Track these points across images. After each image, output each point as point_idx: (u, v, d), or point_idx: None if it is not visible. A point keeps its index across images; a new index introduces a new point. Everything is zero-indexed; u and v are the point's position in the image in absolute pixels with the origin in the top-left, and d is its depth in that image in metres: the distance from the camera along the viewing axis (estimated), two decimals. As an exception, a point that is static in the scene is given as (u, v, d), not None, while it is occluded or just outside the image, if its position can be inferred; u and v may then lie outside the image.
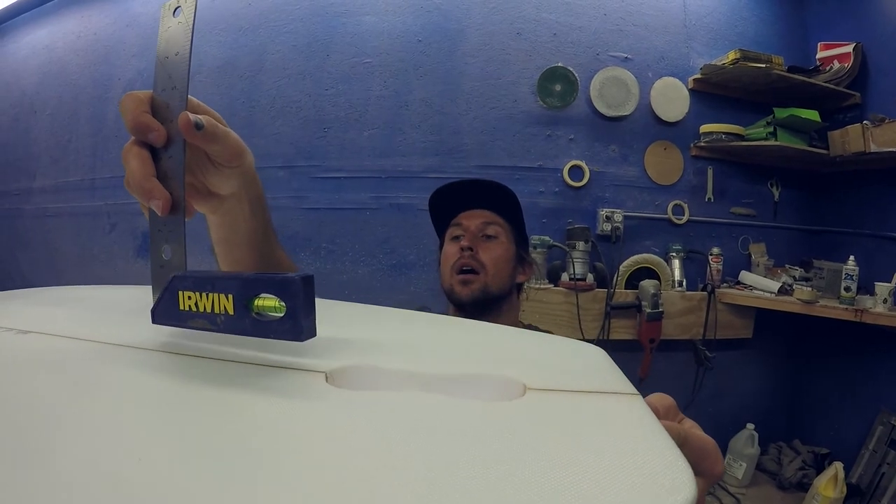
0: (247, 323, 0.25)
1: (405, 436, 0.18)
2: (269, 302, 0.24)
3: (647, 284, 1.57)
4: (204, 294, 0.25)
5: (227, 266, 0.46)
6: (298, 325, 0.23)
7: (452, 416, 0.20)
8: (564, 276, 1.57)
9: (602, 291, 1.59)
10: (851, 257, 1.55)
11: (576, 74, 1.64)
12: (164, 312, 0.27)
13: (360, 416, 0.20)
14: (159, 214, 0.28)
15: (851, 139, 1.67)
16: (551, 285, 1.57)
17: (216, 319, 0.25)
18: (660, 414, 0.23)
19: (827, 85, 1.74)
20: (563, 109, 1.65)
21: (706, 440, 0.26)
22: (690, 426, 0.27)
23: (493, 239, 0.85)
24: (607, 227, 1.63)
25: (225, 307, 0.25)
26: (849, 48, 1.76)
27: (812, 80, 1.72)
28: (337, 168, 1.60)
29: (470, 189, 0.88)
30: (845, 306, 1.49)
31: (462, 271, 0.83)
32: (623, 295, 1.61)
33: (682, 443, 0.21)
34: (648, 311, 1.56)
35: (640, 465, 0.16)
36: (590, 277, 1.58)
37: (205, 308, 0.26)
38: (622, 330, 1.61)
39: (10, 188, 2.22)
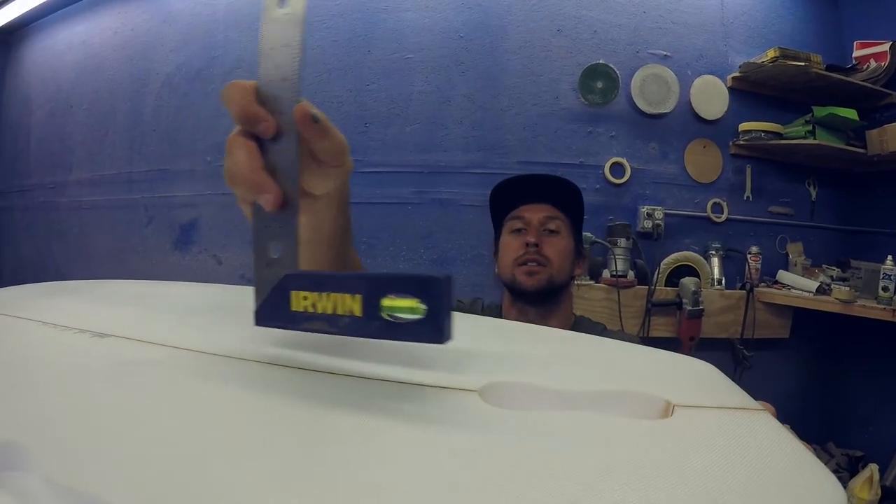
0: (377, 325, 0.23)
1: (581, 459, 0.18)
2: (404, 303, 0.23)
3: (688, 282, 1.57)
4: (324, 294, 0.24)
5: (307, 265, 0.46)
6: (439, 327, 0.22)
7: (619, 435, 0.20)
8: (606, 273, 1.57)
9: (643, 288, 1.59)
10: (889, 257, 1.54)
11: (617, 72, 1.64)
12: (272, 313, 0.26)
13: (533, 439, 0.20)
14: (267, 210, 0.26)
15: (889, 138, 1.66)
16: (592, 282, 1.57)
17: (339, 322, 0.24)
18: None
19: (864, 84, 1.73)
20: (604, 106, 1.65)
21: (809, 449, 0.28)
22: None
23: (555, 234, 0.86)
24: (648, 224, 1.63)
25: (351, 308, 0.23)
26: (885, 47, 1.76)
27: (849, 79, 1.72)
28: (378, 163, 1.61)
29: (534, 183, 0.89)
30: (883, 306, 1.48)
31: (527, 263, 0.84)
32: (663, 292, 1.60)
33: None
34: (689, 308, 1.56)
35: (808, 481, 0.18)
36: (630, 274, 1.57)
37: (324, 309, 0.24)
38: (662, 327, 1.61)
39: (45, 181, 2.25)
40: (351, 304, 0.23)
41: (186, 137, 1.86)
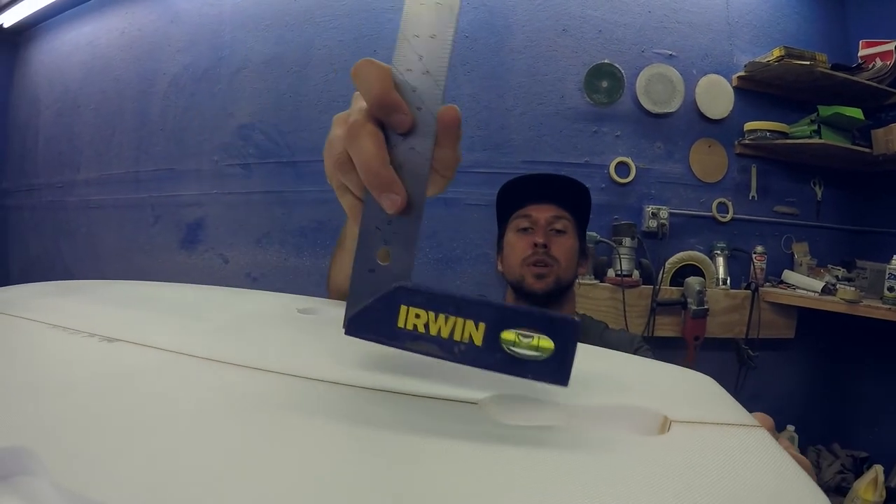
0: (497, 358, 0.22)
1: (577, 474, 0.19)
2: (532, 340, 0.23)
3: (693, 281, 1.57)
4: (441, 315, 0.23)
5: (342, 272, 0.46)
6: (565, 370, 0.22)
7: (616, 451, 0.21)
8: (610, 272, 1.57)
9: (647, 288, 1.59)
10: (895, 257, 1.54)
11: (622, 71, 1.64)
12: (371, 325, 0.24)
13: (531, 453, 0.20)
14: (389, 211, 0.24)
15: (895, 137, 1.66)
16: (597, 281, 1.57)
17: (454, 348, 0.23)
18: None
19: (870, 83, 1.73)
20: (610, 106, 1.65)
21: (805, 463, 0.29)
22: (787, 447, 0.29)
23: (562, 234, 0.86)
24: (653, 223, 1.63)
25: (471, 335, 0.22)
26: (891, 46, 1.75)
27: (855, 78, 1.71)
28: (384, 162, 1.62)
29: (544, 183, 0.89)
30: (889, 307, 1.48)
31: (536, 264, 0.84)
32: (668, 292, 1.61)
33: None
34: (694, 308, 1.56)
35: (796, 500, 0.18)
36: (635, 274, 1.58)
37: (439, 332, 0.23)
38: (667, 327, 1.61)
39: (53, 180, 2.26)
40: (472, 331, 0.22)
41: (193, 137, 1.87)
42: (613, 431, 0.22)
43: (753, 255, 1.72)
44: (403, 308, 0.23)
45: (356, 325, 0.24)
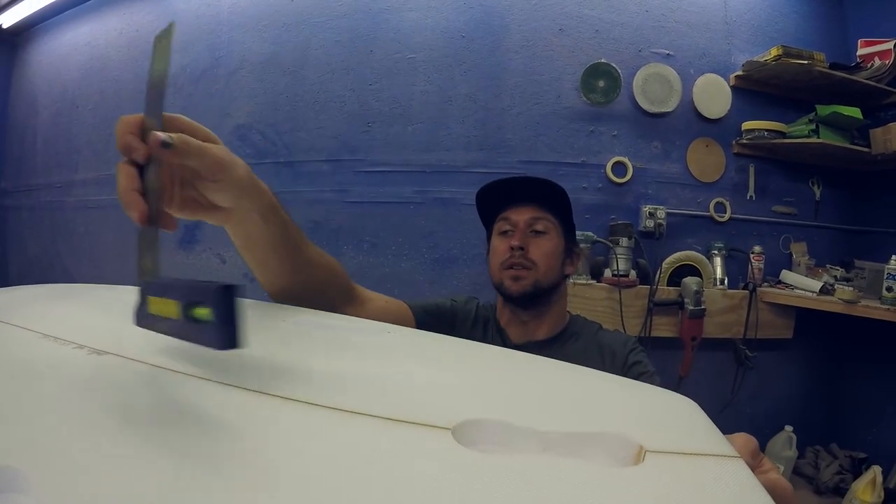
0: (188, 329, 0.25)
1: None
2: (201, 310, 0.25)
3: (690, 282, 1.56)
4: (165, 300, 0.27)
5: (255, 270, 0.49)
6: (221, 334, 0.24)
7: (588, 483, 0.20)
8: (607, 273, 1.57)
9: (644, 288, 1.58)
10: (894, 257, 1.52)
11: (619, 71, 1.63)
12: (140, 315, 0.29)
13: (501, 485, 0.19)
14: (136, 223, 0.30)
15: (894, 137, 1.65)
16: (594, 281, 1.57)
17: (173, 325, 0.26)
18: (746, 460, 0.24)
19: (868, 82, 1.72)
20: (607, 105, 1.65)
21: (786, 488, 0.30)
22: (769, 469, 0.30)
23: (542, 234, 0.85)
24: (650, 223, 1.62)
25: (174, 312, 0.26)
26: (889, 45, 1.74)
27: (854, 77, 1.71)
28: (381, 162, 1.62)
29: (518, 185, 0.88)
30: (887, 307, 1.47)
31: (512, 267, 0.84)
32: (665, 292, 1.60)
33: (771, 495, 0.23)
34: (691, 308, 1.55)
35: None
36: (632, 274, 1.57)
37: (167, 313, 0.27)
38: (664, 327, 1.61)
39: (52, 180, 2.27)
40: (174, 308, 0.26)
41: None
42: (587, 461, 0.22)
43: (751, 255, 1.71)
44: (150, 298, 0.29)
45: (138, 317, 0.30)
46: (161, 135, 0.31)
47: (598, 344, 0.85)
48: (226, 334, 0.24)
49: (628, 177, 1.65)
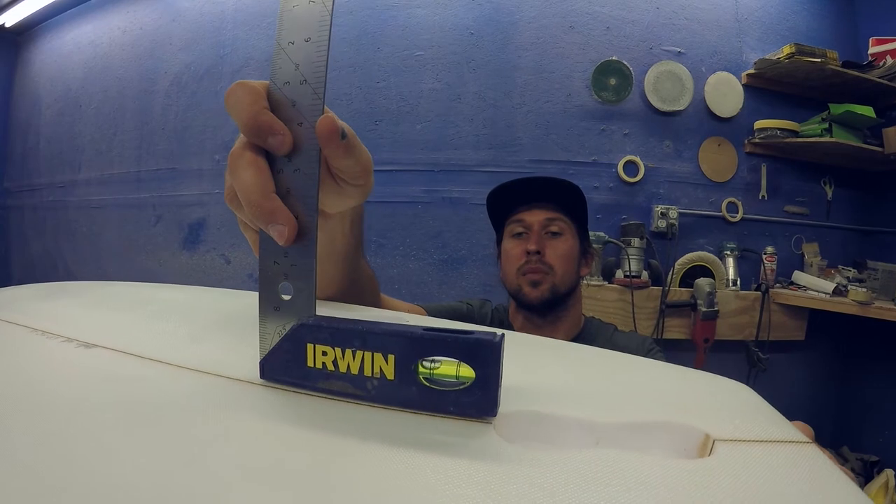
0: (413, 392, 0.20)
1: None
2: (447, 368, 0.20)
3: (703, 283, 1.54)
4: (349, 351, 0.21)
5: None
6: (492, 399, 0.19)
7: (654, 480, 0.18)
8: (619, 273, 1.55)
9: (657, 289, 1.56)
10: (908, 258, 1.51)
11: (630, 68, 1.61)
12: (282, 367, 0.22)
13: (552, 485, 0.17)
14: (280, 243, 0.22)
15: (908, 136, 1.63)
16: (605, 282, 1.54)
17: (366, 384, 0.21)
18: None
19: (881, 81, 1.70)
20: (618, 104, 1.63)
21: (848, 474, 0.27)
22: (829, 457, 0.27)
23: (558, 236, 0.83)
24: (662, 223, 1.60)
25: (381, 370, 0.20)
26: (902, 43, 1.72)
27: (866, 76, 1.68)
28: (388, 161, 1.59)
29: (533, 185, 0.85)
30: (902, 308, 1.45)
31: (529, 273, 0.81)
32: (677, 293, 1.58)
33: None
34: (704, 310, 1.53)
35: None
36: (644, 275, 1.55)
37: (348, 369, 0.21)
38: (676, 329, 1.58)
39: (55, 180, 2.25)
40: (382, 364, 0.20)
41: (195, 136, 1.85)
42: (649, 455, 0.19)
43: (764, 256, 1.69)
44: (310, 346, 0.21)
45: (270, 369, 0.23)
46: (337, 119, 0.23)
47: (615, 346, 0.82)
48: (494, 399, 0.19)
49: (640, 176, 1.63)
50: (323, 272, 0.40)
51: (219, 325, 0.34)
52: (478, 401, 0.20)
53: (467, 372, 0.20)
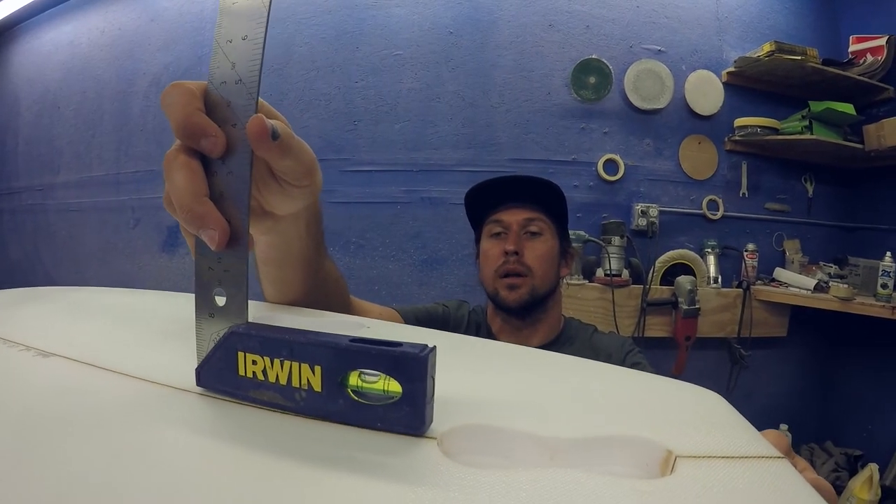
0: (341, 405, 0.19)
1: None
2: (374, 383, 0.19)
3: (684, 281, 1.54)
4: (277, 360, 0.20)
5: (271, 286, 0.40)
6: (419, 415, 0.19)
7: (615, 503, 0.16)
8: (599, 272, 1.54)
9: (637, 287, 1.56)
10: (888, 254, 1.52)
11: (610, 67, 1.61)
12: (216, 375, 0.22)
13: None
14: (213, 248, 0.21)
15: (887, 133, 1.64)
16: (586, 281, 1.54)
17: (294, 395, 0.20)
18: None
19: (861, 78, 1.71)
20: (598, 102, 1.63)
21: (828, 489, 0.26)
22: (804, 468, 0.26)
23: (537, 236, 0.81)
24: (642, 222, 1.60)
25: (309, 381, 0.19)
26: (882, 41, 1.73)
27: (847, 74, 1.69)
28: (367, 161, 1.58)
29: (511, 184, 0.84)
30: (882, 304, 1.46)
31: (507, 275, 0.80)
32: (659, 291, 1.58)
33: None
34: (685, 307, 1.53)
35: None
36: (625, 273, 1.55)
37: (277, 378, 0.20)
38: (657, 327, 1.58)
39: (33, 183, 2.22)
40: (309, 376, 0.19)
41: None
42: (605, 475, 0.18)
43: (745, 253, 1.69)
44: (241, 354, 0.21)
45: (206, 377, 0.22)
46: (269, 121, 0.22)
47: (594, 348, 0.82)
48: (427, 414, 0.19)
49: (620, 174, 1.63)
50: (282, 277, 0.40)
51: (176, 332, 0.33)
52: (405, 416, 0.19)
53: (395, 387, 0.19)
